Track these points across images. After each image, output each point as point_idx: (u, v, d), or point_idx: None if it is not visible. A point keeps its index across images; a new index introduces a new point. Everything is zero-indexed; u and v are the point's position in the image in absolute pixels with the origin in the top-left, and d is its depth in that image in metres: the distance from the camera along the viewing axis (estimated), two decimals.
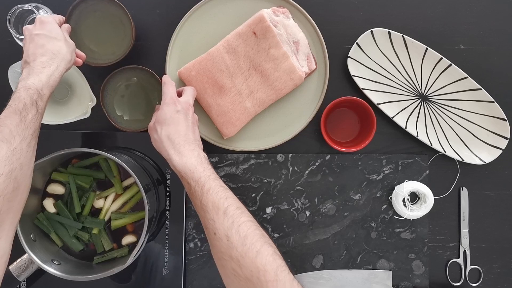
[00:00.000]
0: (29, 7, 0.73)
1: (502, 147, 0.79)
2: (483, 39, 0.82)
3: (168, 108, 0.66)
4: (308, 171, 0.81)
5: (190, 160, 0.62)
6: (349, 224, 0.81)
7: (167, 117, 0.65)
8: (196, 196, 0.59)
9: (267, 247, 0.53)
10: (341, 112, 0.81)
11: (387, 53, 0.80)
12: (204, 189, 0.59)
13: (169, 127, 0.65)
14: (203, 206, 0.58)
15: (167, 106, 0.66)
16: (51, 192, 0.74)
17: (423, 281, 0.81)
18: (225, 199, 0.58)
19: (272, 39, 0.74)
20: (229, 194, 0.59)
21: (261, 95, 0.77)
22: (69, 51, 0.67)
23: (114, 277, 0.68)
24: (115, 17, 0.76)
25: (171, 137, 0.64)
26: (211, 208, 0.57)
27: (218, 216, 0.56)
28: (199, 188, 0.59)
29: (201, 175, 0.60)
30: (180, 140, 0.64)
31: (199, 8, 0.78)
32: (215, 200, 0.57)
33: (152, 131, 0.67)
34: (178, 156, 0.62)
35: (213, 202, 0.57)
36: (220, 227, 0.55)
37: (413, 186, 0.78)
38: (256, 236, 0.54)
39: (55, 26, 0.67)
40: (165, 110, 0.66)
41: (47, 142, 0.78)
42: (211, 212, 0.57)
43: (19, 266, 0.68)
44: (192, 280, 0.80)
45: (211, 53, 0.75)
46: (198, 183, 0.59)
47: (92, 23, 0.76)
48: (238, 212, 0.57)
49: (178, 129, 0.65)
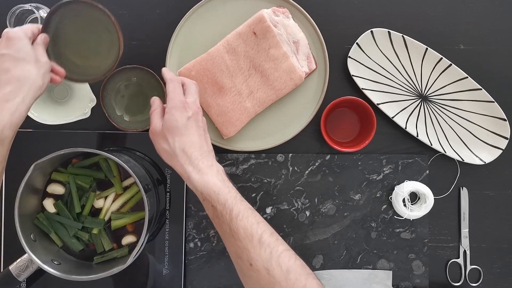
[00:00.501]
0: (29, 7, 0.73)
1: (502, 147, 0.79)
2: (483, 39, 0.82)
3: (179, 114, 0.59)
4: (308, 171, 0.81)
5: (213, 179, 0.56)
6: (349, 224, 0.81)
7: (179, 125, 0.58)
8: (223, 221, 0.54)
9: (311, 280, 0.51)
10: (341, 112, 0.81)
11: (387, 53, 0.80)
12: (233, 214, 0.54)
13: (183, 137, 0.58)
14: (232, 233, 0.53)
15: (176, 111, 0.59)
16: (51, 192, 0.74)
17: (423, 281, 0.81)
18: (257, 224, 0.54)
19: (272, 39, 0.74)
20: (259, 218, 0.55)
21: (261, 95, 0.77)
22: (40, 74, 0.56)
23: (114, 277, 0.68)
24: (100, 24, 0.64)
25: (186, 150, 0.58)
26: (243, 236, 0.52)
27: (253, 245, 0.52)
28: (226, 213, 0.54)
29: (227, 197, 0.55)
30: (197, 154, 0.58)
31: (199, 8, 0.78)
32: (247, 227, 0.53)
33: (161, 140, 0.59)
34: (198, 174, 0.56)
35: (245, 228, 0.53)
36: (258, 258, 0.51)
37: (413, 186, 0.78)
38: (299, 269, 0.51)
39: (24, 43, 0.56)
40: (175, 116, 0.58)
41: (47, 142, 0.78)
42: (243, 240, 0.52)
43: (19, 266, 0.68)
44: (192, 280, 0.80)
45: (211, 53, 0.75)
46: (225, 206, 0.54)
47: (74, 32, 0.65)
48: (273, 240, 0.53)
49: (193, 140, 0.59)
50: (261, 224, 0.54)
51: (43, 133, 0.79)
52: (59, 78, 0.62)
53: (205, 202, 0.56)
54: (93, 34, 0.65)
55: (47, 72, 0.59)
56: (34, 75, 0.56)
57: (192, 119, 0.60)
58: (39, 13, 0.75)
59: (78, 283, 0.69)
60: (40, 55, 0.58)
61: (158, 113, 0.61)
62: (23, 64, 0.55)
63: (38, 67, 0.56)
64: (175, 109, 0.59)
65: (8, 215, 0.78)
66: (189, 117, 0.60)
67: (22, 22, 0.78)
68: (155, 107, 0.62)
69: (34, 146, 0.78)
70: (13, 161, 0.78)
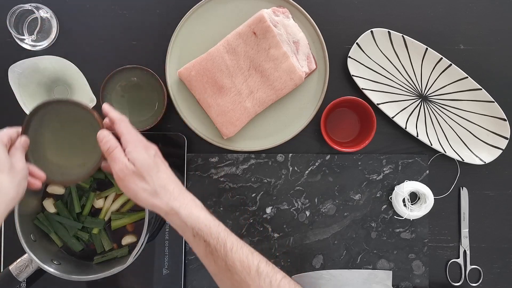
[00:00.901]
0: (29, 7, 0.73)
1: (502, 147, 0.79)
2: (483, 39, 0.82)
3: (146, 152, 0.55)
4: (308, 171, 0.81)
5: (201, 213, 0.54)
6: (349, 224, 0.81)
7: (151, 162, 0.55)
8: (218, 256, 0.53)
9: None
10: (341, 112, 0.81)
11: (387, 53, 0.80)
12: (227, 247, 0.52)
13: (159, 174, 0.55)
14: (229, 267, 0.52)
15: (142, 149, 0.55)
16: (51, 192, 0.74)
17: (423, 281, 0.81)
18: (251, 255, 0.53)
19: (272, 39, 0.74)
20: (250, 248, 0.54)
21: (261, 95, 0.77)
22: (14, 183, 0.53)
23: (114, 277, 0.68)
24: (83, 121, 0.60)
25: (167, 187, 0.55)
26: (240, 269, 0.51)
27: (251, 277, 0.51)
28: (221, 247, 0.52)
29: (219, 230, 0.54)
30: (177, 190, 0.56)
31: (199, 8, 0.78)
32: (242, 259, 0.52)
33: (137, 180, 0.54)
34: (186, 210, 0.54)
35: (241, 261, 0.52)
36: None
37: (413, 186, 0.78)
38: None
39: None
40: (144, 154, 0.55)
41: None
42: (241, 273, 0.51)
43: (19, 266, 0.68)
44: (192, 280, 0.80)
45: (211, 53, 0.75)
46: (219, 240, 0.53)
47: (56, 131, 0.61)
48: (270, 269, 0.53)
49: (168, 176, 0.56)
50: (255, 254, 0.54)
51: None
52: (38, 183, 0.57)
53: (196, 238, 0.54)
54: (76, 132, 0.61)
55: (24, 178, 0.55)
56: (6, 187, 0.52)
57: (157, 156, 0.57)
58: (39, 13, 0.75)
59: (78, 283, 0.69)
60: (16, 161, 0.54)
61: (121, 151, 0.55)
62: None
63: (12, 176, 0.53)
64: (140, 147, 0.55)
65: (8, 215, 0.78)
66: (154, 155, 0.57)
67: (22, 22, 0.78)
68: (114, 144, 0.55)
69: None
70: None
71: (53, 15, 0.79)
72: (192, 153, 0.81)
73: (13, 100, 0.75)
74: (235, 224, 0.81)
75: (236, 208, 0.81)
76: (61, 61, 0.76)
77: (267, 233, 0.81)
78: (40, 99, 0.78)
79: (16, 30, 0.75)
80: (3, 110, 0.80)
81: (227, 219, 0.81)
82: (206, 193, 0.81)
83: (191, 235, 0.54)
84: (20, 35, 0.76)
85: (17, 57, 0.75)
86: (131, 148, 0.55)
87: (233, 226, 0.81)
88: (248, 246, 0.54)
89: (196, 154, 0.81)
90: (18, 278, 0.67)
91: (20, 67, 0.74)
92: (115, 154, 0.55)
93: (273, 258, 0.81)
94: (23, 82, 0.75)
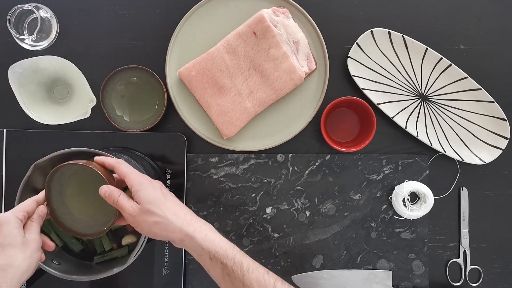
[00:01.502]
0: (29, 7, 0.73)
1: (502, 147, 0.79)
2: (483, 39, 0.82)
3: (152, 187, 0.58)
4: (308, 171, 0.81)
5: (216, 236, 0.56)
6: (349, 224, 0.81)
7: (158, 195, 0.57)
8: (235, 277, 0.54)
9: None
10: (341, 112, 0.81)
11: (387, 53, 0.80)
12: (244, 268, 0.54)
13: (168, 204, 0.57)
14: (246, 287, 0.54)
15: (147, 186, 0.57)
16: None
17: (423, 281, 0.81)
18: (267, 275, 0.55)
19: (272, 39, 0.74)
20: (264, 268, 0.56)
21: (261, 95, 0.77)
22: (26, 256, 0.56)
23: (114, 277, 0.68)
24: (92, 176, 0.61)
25: (178, 213, 0.57)
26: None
27: None
28: (238, 268, 0.54)
29: (235, 251, 0.55)
30: (189, 216, 0.58)
31: (199, 8, 0.78)
32: (259, 279, 0.54)
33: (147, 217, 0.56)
34: (201, 234, 0.56)
35: (258, 281, 0.53)
36: None
37: (413, 186, 0.78)
38: None
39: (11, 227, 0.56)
40: (150, 190, 0.57)
41: (47, 142, 0.78)
42: None
43: None
44: (192, 280, 0.80)
45: (211, 53, 0.75)
46: (235, 262, 0.54)
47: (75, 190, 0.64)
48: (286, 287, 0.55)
49: (178, 204, 0.59)
50: (270, 274, 0.55)
51: (43, 133, 0.79)
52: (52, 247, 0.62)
53: (213, 261, 0.55)
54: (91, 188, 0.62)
55: (36, 250, 0.58)
56: (19, 261, 0.55)
57: (163, 188, 0.60)
58: (39, 13, 0.75)
59: (78, 283, 0.69)
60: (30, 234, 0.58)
61: (125, 197, 0.58)
62: (8, 249, 0.55)
63: (24, 249, 0.56)
64: (145, 185, 0.58)
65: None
66: (160, 187, 0.59)
67: (22, 22, 0.78)
68: (116, 193, 0.58)
69: (34, 146, 0.78)
70: (13, 161, 0.79)
71: (53, 15, 0.79)
72: (192, 153, 0.81)
73: (13, 100, 0.75)
74: (235, 224, 0.81)
75: (236, 208, 0.81)
76: (61, 61, 0.76)
77: (267, 233, 0.81)
78: (40, 99, 0.78)
79: (16, 30, 0.75)
80: (3, 110, 0.80)
81: (227, 219, 0.81)
82: (206, 193, 0.81)
83: (208, 258, 0.56)
84: (20, 35, 0.76)
85: (17, 57, 0.75)
86: (137, 187, 0.57)
87: (233, 226, 0.81)
88: (263, 266, 0.56)
89: (196, 154, 0.81)
90: None
91: (20, 67, 0.74)
92: (120, 202, 0.57)
93: (273, 258, 0.81)
94: (23, 82, 0.75)
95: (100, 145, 0.79)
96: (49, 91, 0.80)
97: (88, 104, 0.77)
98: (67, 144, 0.71)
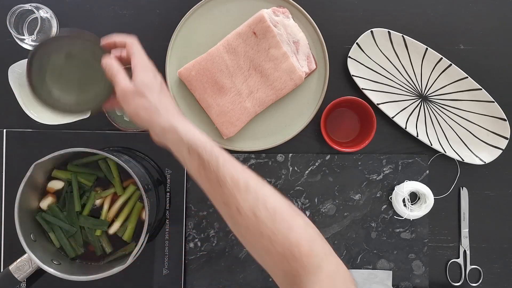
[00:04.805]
0: (29, 7, 0.73)
1: (502, 147, 0.79)
2: (483, 39, 0.82)
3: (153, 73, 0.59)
4: (308, 171, 0.81)
5: (197, 132, 0.56)
6: (349, 224, 0.81)
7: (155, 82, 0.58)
8: (210, 170, 0.53)
9: (298, 219, 0.51)
10: (341, 112, 0.81)
11: (387, 53, 0.80)
12: (219, 161, 0.53)
13: (161, 94, 0.58)
14: (219, 181, 0.52)
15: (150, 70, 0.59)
16: (51, 190, 0.74)
17: (423, 281, 0.81)
18: (243, 171, 0.53)
19: (272, 39, 0.74)
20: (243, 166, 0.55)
21: (261, 95, 0.77)
22: None
23: (114, 277, 0.68)
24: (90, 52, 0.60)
25: (167, 106, 0.57)
26: (230, 183, 0.52)
27: (239, 191, 0.51)
28: (213, 160, 0.53)
29: (213, 145, 0.54)
30: (176, 111, 0.58)
31: (199, 8, 0.78)
32: (233, 173, 0.52)
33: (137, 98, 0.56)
34: (185, 126, 0.55)
35: (231, 175, 0.52)
36: (245, 203, 0.51)
37: (413, 186, 0.78)
38: (283, 208, 0.51)
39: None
40: (150, 74, 0.58)
41: (47, 142, 0.78)
42: (231, 188, 0.52)
43: (19, 266, 0.68)
44: (192, 280, 0.80)
45: (211, 53, 0.75)
46: (212, 155, 0.53)
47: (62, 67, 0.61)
48: (260, 185, 0.53)
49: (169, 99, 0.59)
50: (246, 171, 0.54)
51: (43, 133, 0.79)
52: None
53: (191, 154, 0.55)
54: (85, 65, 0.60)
55: None
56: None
57: (162, 83, 0.60)
58: (39, 13, 0.75)
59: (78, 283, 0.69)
60: None
61: (123, 72, 0.58)
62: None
63: None
64: (148, 69, 0.58)
65: (8, 215, 0.78)
66: (161, 81, 0.60)
67: (22, 22, 0.78)
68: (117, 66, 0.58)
69: (34, 146, 0.78)
70: (13, 161, 0.79)
71: (53, 15, 0.79)
72: None
73: (13, 100, 0.75)
74: None
75: None
76: None
77: None
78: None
79: (16, 30, 0.75)
80: (3, 110, 0.80)
81: None
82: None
83: (186, 151, 0.55)
84: (20, 35, 0.76)
85: (17, 57, 0.75)
86: (139, 70, 0.57)
87: None
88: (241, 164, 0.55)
89: None
90: (18, 278, 0.67)
91: (20, 67, 0.74)
92: (118, 76, 0.57)
93: None
94: (23, 82, 0.75)
95: (100, 145, 0.79)
96: None
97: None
98: (67, 144, 0.71)
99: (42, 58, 0.59)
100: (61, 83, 0.60)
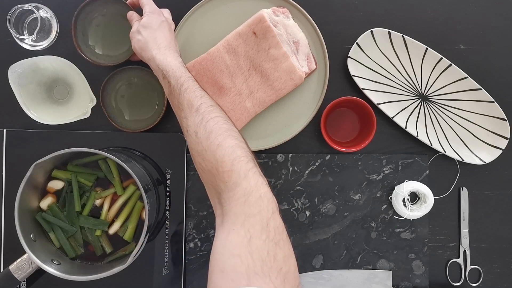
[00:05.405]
0: (29, 7, 0.73)
1: (502, 147, 0.79)
2: (483, 39, 0.82)
3: (155, 16, 0.69)
4: (308, 171, 0.81)
5: (174, 62, 0.64)
6: (349, 224, 0.81)
7: (153, 24, 0.68)
8: (174, 95, 0.61)
9: (229, 140, 0.54)
10: (341, 112, 0.81)
11: (387, 53, 0.80)
12: (182, 88, 0.60)
13: (156, 32, 0.67)
14: (179, 105, 0.59)
15: (153, 14, 0.69)
16: (51, 190, 0.74)
17: (423, 281, 0.81)
18: (200, 97, 0.59)
19: (272, 39, 0.74)
20: (205, 94, 0.60)
21: (261, 95, 0.77)
22: None
23: (114, 277, 0.68)
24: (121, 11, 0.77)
25: (157, 40, 0.67)
26: (186, 106, 0.58)
27: (191, 114, 0.57)
28: (177, 86, 0.60)
29: (182, 75, 0.62)
30: (165, 45, 0.67)
31: (199, 8, 0.78)
32: (190, 98, 0.58)
33: (136, 34, 0.69)
34: (162, 56, 0.64)
35: (188, 100, 0.58)
36: (191, 124, 0.57)
37: (413, 186, 0.78)
38: (221, 130, 0.55)
39: None
40: (152, 18, 0.68)
41: (47, 142, 0.78)
42: (185, 110, 0.58)
43: (19, 266, 0.68)
44: (192, 280, 0.80)
45: (211, 53, 0.75)
46: (178, 81, 0.61)
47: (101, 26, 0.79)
48: (209, 110, 0.58)
49: (165, 35, 0.68)
50: (204, 98, 0.59)
51: (43, 133, 0.79)
52: None
53: (164, 79, 0.63)
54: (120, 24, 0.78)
55: None
56: None
57: (165, 23, 0.69)
58: (39, 13, 0.75)
59: (78, 283, 0.69)
60: None
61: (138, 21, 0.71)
62: None
63: None
64: (152, 13, 0.69)
65: (8, 215, 0.78)
66: (163, 21, 0.69)
67: (22, 22, 0.78)
68: (136, 16, 0.72)
69: (34, 146, 0.78)
70: (13, 161, 0.79)
71: (53, 15, 0.79)
72: None
73: (13, 100, 0.75)
74: None
75: None
76: (61, 61, 0.76)
77: None
78: (40, 99, 0.78)
79: (16, 30, 0.75)
80: (3, 110, 0.80)
81: None
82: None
83: (161, 76, 0.64)
84: (20, 35, 0.76)
85: (17, 57, 0.75)
86: (145, 15, 0.69)
87: None
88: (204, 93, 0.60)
89: None
90: (18, 278, 0.67)
91: (20, 67, 0.74)
92: (133, 22, 0.71)
93: None
94: (23, 82, 0.75)
95: (100, 145, 0.79)
96: (49, 91, 0.80)
97: (88, 104, 0.77)
98: (67, 144, 0.71)
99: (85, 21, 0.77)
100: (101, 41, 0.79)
